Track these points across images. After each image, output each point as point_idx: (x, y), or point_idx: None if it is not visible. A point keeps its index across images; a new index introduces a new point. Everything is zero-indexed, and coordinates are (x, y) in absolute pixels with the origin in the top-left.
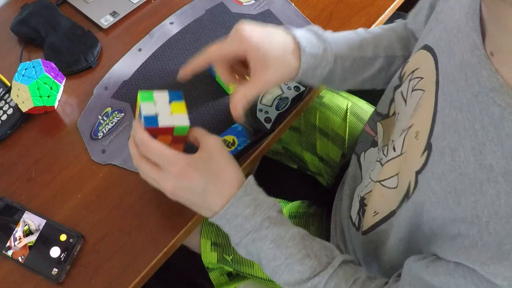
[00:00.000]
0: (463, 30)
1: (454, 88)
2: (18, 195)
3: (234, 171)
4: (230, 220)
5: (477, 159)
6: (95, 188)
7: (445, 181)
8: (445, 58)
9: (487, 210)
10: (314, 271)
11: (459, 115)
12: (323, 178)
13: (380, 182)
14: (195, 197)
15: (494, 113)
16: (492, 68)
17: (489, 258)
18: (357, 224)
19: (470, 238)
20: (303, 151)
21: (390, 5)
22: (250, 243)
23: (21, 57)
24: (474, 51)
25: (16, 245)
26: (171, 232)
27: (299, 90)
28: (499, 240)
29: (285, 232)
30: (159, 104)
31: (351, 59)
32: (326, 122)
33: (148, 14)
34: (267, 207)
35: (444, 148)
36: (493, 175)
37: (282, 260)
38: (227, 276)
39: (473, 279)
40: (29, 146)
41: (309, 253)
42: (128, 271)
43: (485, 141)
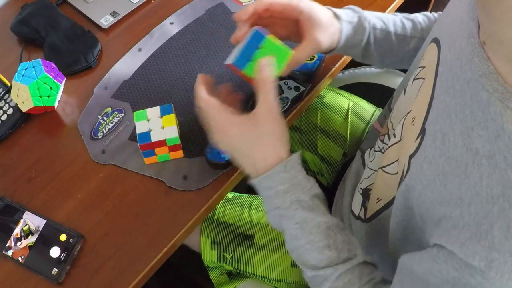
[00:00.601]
0: (464, 20)
1: (450, 75)
2: (18, 195)
3: (282, 143)
4: (264, 190)
5: (465, 143)
6: (95, 188)
7: (434, 164)
8: (446, 47)
9: (470, 192)
10: (330, 262)
11: (452, 100)
12: (324, 177)
13: (382, 169)
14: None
15: (482, 98)
16: (484, 55)
17: (467, 239)
18: (363, 216)
19: (452, 219)
20: (304, 150)
21: (390, 5)
22: (278, 217)
23: (21, 57)
24: (470, 39)
25: (16, 245)
26: (171, 232)
27: (299, 90)
28: (478, 221)
29: (312, 219)
30: (151, 120)
31: (385, 32)
32: (328, 122)
33: (148, 14)
34: (301, 190)
35: (436, 132)
36: (478, 158)
37: (303, 243)
38: (227, 276)
39: (453, 263)
40: (29, 146)
41: (330, 244)
42: (128, 271)
43: (473, 125)
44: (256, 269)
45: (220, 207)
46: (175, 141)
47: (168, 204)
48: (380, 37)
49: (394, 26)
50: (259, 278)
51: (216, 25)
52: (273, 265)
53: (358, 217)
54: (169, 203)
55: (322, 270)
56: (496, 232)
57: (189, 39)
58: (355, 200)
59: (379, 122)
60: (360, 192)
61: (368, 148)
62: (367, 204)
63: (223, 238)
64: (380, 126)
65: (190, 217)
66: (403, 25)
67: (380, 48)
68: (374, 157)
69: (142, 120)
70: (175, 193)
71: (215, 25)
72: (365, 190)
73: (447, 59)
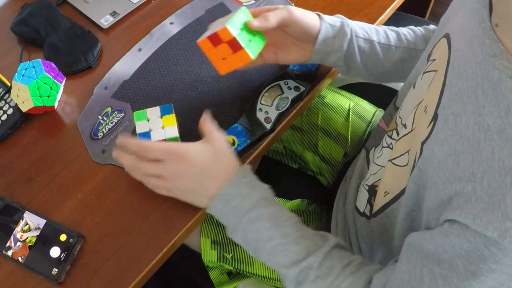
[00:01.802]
0: (475, 9)
1: (462, 61)
2: (18, 195)
3: (232, 160)
4: (229, 200)
5: (477, 121)
6: (95, 188)
7: (446, 145)
8: (457, 38)
9: (482, 166)
10: (309, 251)
11: (464, 84)
12: (324, 177)
13: (391, 161)
14: (193, 183)
15: (494, 77)
16: (495, 37)
17: (481, 210)
18: (368, 212)
19: (465, 195)
20: (305, 150)
21: (390, 5)
22: (248, 225)
23: (21, 57)
24: (481, 24)
25: (16, 245)
26: (171, 232)
27: (299, 90)
28: (491, 192)
29: (281, 213)
30: (151, 120)
31: (369, 41)
32: (329, 122)
33: (148, 14)
34: (263, 189)
35: (448, 115)
36: (490, 134)
37: (279, 240)
38: (227, 275)
39: (467, 236)
40: (29, 146)
41: (303, 235)
42: (128, 271)
43: (485, 103)
44: (256, 269)
45: None
46: (176, 141)
47: (168, 204)
48: (364, 46)
49: (377, 35)
50: (259, 278)
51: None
52: None
53: (363, 214)
54: (169, 203)
55: (304, 261)
56: (509, 202)
57: (189, 39)
58: (360, 197)
59: (384, 121)
60: (366, 189)
61: (373, 147)
62: (373, 200)
63: (223, 238)
64: (385, 125)
65: (190, 217)
66: (387, 35)
67: (365, 58)
68: (381, 154)
69: (142, 120)
70: None
71: None
72: (371, 187)
73: (459, 48)
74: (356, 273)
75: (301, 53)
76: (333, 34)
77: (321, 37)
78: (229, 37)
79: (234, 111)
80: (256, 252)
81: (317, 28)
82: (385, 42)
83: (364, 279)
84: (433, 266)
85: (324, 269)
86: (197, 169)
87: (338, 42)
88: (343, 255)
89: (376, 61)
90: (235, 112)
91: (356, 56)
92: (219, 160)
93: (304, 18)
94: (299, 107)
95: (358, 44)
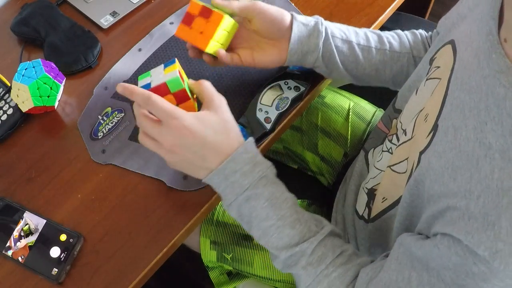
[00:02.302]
0: (483, 19)
1: (466, 72)
2: (18, 195)
3: (234, 132)
4: (229, 176)
5: (478, 137)
6: (95, 188)
7: (444, 158)
8: (463, 47)
9: (480, 184)
10: (303, 237)
11: (466, 96)
12: (324, 177)
13: (390, 167)
14: (193, 155)
15: (499, 94)
16: (502, 51)
17: (474, 228)
18: (366, 216)
19: (458, 210)
20: (305, 150)
21: (390, 5)
22: (244, 202)
23: (21, 57)
24: (488, 37)
25: (16, 245)
26: (171, 232)
27: (299, 90)
28: (485, 212)
29: (280, 194)
30: (154, 75)
31: (347, 42)
32: (328, 122)
33: (148, 14)
34: (265, 167)
35: (448, 127)
36: (491, 152)
37: (274, 221)
38: (226, 275)
39: (457, 250)
40: (29, 146)
41: (300, 219)
42: (128, 271)
43: (487, 120)
44: (256, 269)
45: (220, 207)
46: (178, 84)
47: (168, 204)
48: (342, 47)
49: (356, 37)
50: (258, 278)
51: None
52: (273, 265)
53: (361, 217)
54: (169, 203)
55: (297, 246)
56: (503, 223)
57: None
58: (360, 200)
59: (383, 122)
60: (366, 192)
61: (372, 148)
62: (371, 204)
63: (223, 238)
64: (384, 126)
65: (190, 217)
66: (367, 37)
67: (345, 59)
68: (381, 157)
69: (144, 78)
70: (175, 193)
71: None
72: (370, 190)
73: (464, 58)
74: (347, 265)
75: (277, 53)
76: (307, 33)
77: (294, 36)
78: (198, 7)
79: (234, 111)
80: (250, 227)
81: (287, 23)
82: (364, 44)
83: (353, 271)
84: (422, 271)
85: (315, 256)
86: (199, 141)
87: (313, 40)
88: (336, 243)
89: (356, 63)
90: (235, 112)
91: (335, 57)
92: (223, 133)
93: (268, 9)
94: (299, 107)
95: (335, 44)
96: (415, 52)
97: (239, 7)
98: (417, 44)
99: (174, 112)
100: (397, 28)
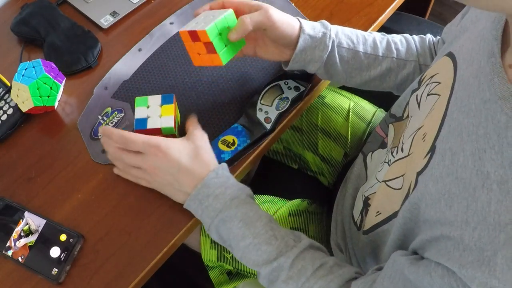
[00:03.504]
0: (486, 38)
1: (466, 93)
2: (18, 195)
3: (207, 158)
4: (202, 200)
5: (475, 165)
6: (95, 188)
7: (441, 183)
8: (464, 64)
9: (477, 216)
10: (280, 252)
11: (465, 119)
12: (325, 177)
13: (385, 182)
14: (170, 177)
15: (500, 121)
16: (505, 76)
17: (469, 262)
18: (358, 223)
19: (453, 240)
20: (305, 151)
21: (390, 5)
22: (221, 225)
23: (21, 57)
24: (490, 59)
25: (16, 245)
26: (171, 232)
27: (299, 90)
28: (480, 246)
29: (253, 213)
30: (151, 108)
31: (353, 51)
32: (328, 122)
33: (148, 14)
34: (236, 189)
35: (446, 150)
36: (489, 182)
37: (250, 240)
38: (226, 275)
39: (450, 281)
40: (29, 146)
41: (276, 235)
42: (128, 271)
43: (486, 147)
44: None
45: None
46: (170, 131)
47: (168, 204)
48: (346, 56)
49: (364, 45)
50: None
51: None
52: None
53: (355, 223)
54: (169, 203)
55: (275, 261)
56: (499, 261)
57: None
58: (357, 205)
59: (380, 127)
60: (362, 199)
61: (370, 152)
62: (365, 214)
63: None
64: (382, 131)
65: (190, 217)
66: (375, 44)
67: (348, 67)
68: (382, 168)
69: (142, 106)
70: None
71: None
72: (366, 199)
73: (464, 77)
74: (328, 276)
75: (279, 55)
76: (313, 45)
77: (300, 47)
78: (206, 39)
79: (234, 111)
80: (232, 249)
81: (295, 36)
82: (371, 52)
83: (336, 283)
84: None
85: (295, 270)
86: (174, 164)
87: (318, 53)
88: (316, 256)
89: (360, 70)
90: (235, 112)
91: (337, 66)
92: (197, 158)
93: (281, 24)
94: (299, 107)
95: (340, 54)
96: (422, 59)
97: (253, 25)
98: (424, 51)
99: (150, 141)
100: (397, 28)
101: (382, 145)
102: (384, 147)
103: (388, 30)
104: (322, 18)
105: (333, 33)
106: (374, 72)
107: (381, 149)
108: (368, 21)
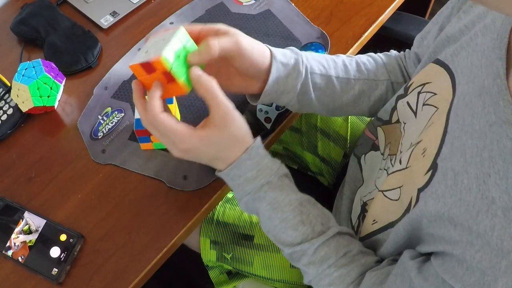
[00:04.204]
0: (488, 56)
1: (469, 112)
2: (18, 195)
3: (242, 135)
4: (233, 178)
5: (480, 189)
6: (95, 188)
7: (442, 202)
8: (463, 80)
9: (480, 239)
10: (306, 238)
11: (469, 140)
12: (324, 178)
13: (382, 192)
14: (205, 160)
15: (506, 147)
16: (510, 99)
17: (471, 284)
18: (355, 228)
19: (456, 258)
20: (304, 151)
21: (390, 5)
22: (250, 201)
23: (21, 57)
24: (496, 80)
25: (16, 245)
26: (171, 232)
27: None
28: (482, 269)
29: (283, 198)
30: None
31: (326, 77)
32: (328, 123)
33: (148, 14)
34: (269, 173)
35: (448, 170)
36: (494, 208)
37: (277, 223)
38: (226, 275)
39: None
40: (29, 146)
41: (303, 220)
42: (128, 271)
43: (491, 172)
44: (255, 269)
45: (219, 207)
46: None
47: (168, 204)
48: (320, 83)
49: (336, 69)
50: (258, 278)
51: None
52: (272, 265)
53: (353, 227)
54: (169, 203)
55: (298, 246)
56: (499, 287)
57: None
58: (355, 209)
59: (369, 130)
60: (361, 204)
61: (362, 154)
62: (361, 219)
63: (223, 238)
64: (371, 134)
65: (190, 217)
66: (346, 67)
67: (321, 94)
68: (381, 176)
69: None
70: (175, 193)
71: None
72: (364, 204)
73: (465, 94)
74: (350, 265)
75: (245, 88)
76: (285, 74)
77: (272, 78)
78: (163, 68)
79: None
80: (259, 221)
81: (266, 65)
82: (343, 76)
83: (356, 272)
84: None
85: (317, 256)
86: (206, 157)
87: (291, 81)
88: (341, 243)
89: (333, 96)
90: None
91: (310, 94)
92: (228, 148)
93: (252, 53)
94: None
95: (313, 81)
96: (393, 77)
97: (221, 51)
98: (394, 68)
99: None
100: (397, 28)
101: (373, 147)
102: (377, 150)
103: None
104: (322, 18)
105: (304, 58)
106: (347, 97)
107: (374, 151)
108: (368, 21)
